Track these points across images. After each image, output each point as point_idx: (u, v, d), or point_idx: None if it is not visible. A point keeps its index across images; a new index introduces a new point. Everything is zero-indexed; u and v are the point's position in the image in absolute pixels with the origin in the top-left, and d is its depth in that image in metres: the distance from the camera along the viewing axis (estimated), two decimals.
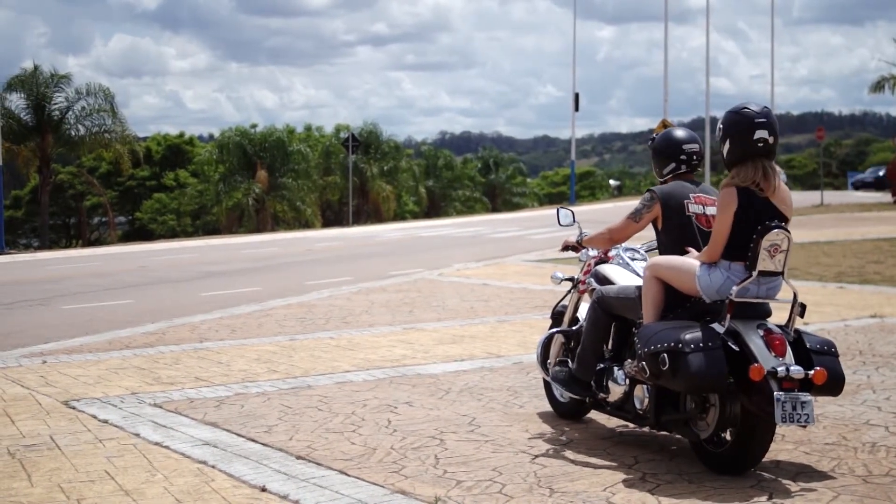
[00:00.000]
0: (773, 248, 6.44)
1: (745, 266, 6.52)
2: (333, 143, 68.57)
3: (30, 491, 6.30)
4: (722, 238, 6.56)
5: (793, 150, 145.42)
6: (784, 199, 6.64)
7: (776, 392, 6.08)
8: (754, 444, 6.34)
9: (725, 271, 6.58)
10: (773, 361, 6.20)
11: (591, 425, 7.73)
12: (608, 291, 7.39)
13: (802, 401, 6.10)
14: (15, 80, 49.71)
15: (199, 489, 6.26)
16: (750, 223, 6.47)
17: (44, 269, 26.85)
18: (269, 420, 8.07)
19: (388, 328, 12.86)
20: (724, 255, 6.59)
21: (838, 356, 6.51)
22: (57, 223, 73.35)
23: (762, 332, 6.41)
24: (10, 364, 10.92)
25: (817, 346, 6.46)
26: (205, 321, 14.01)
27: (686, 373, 6.20)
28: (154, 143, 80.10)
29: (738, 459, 6.38)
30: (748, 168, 6.56)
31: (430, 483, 6.27)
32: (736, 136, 6.58)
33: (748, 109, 6.62)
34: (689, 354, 6.21)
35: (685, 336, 6.30)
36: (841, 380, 6.41)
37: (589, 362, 7.39)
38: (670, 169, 7.38)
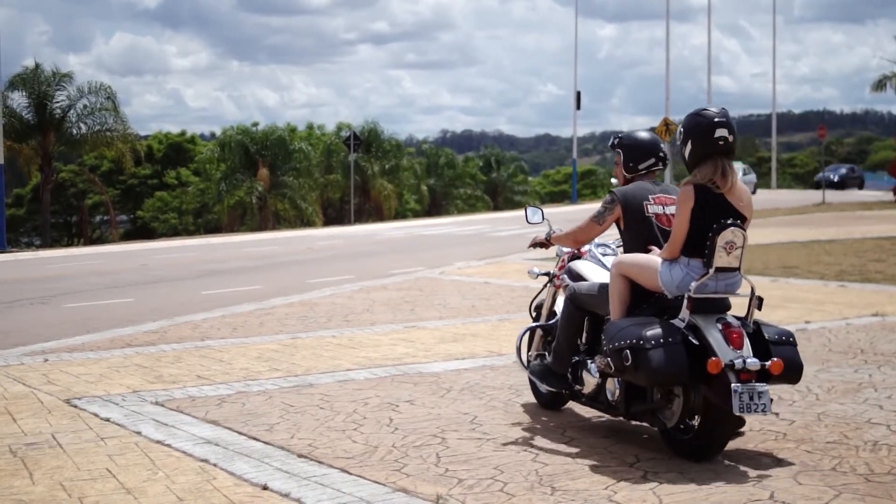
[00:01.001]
0: (729, 246, 6.69)
1: (703, 263, 6.77)
2: (335, 141, 68.55)
3: (31, 489, 6.30)
4: (681, 235, 6.84)
5: (794, 148, 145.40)
6: (741, 196, 6.89)
7: (734, 384, 6.34)
8: (717, 432, 6.62)
9: (685, 268, 6.83)
10: (731, 354, 6.45)
11: (592, 423, 7.73)
12: (579, 288, 7.63)
13: (759, 391, 6.36)
14: (17, 78, 49.75)
15: (201, 487, 6.26)
16: (707, 221, 6.73)
17: (45, 267, 26.86)
18: (270, 418, 8.07)
19: (389, 327, 12.86)
20: (684, 251, 6.84)
21: (796, 346, 6.80)
22: (58, 221, 73.35)
23: (721, 325, 6.63)
24: (12, 362, 10.93)
25: (775, 337, 6.75)
26: (206, 319, 14.01)
27: (647, 368, 6.49)
28: (155, 142, 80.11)
29: (703, 446, 6.66)
30: (708, 166, 6.83)
31: (431, 481, 6.27)
32: (698, 136, 6.86)
33: (708, 111, 6.96)
34: (650, 350, 6.50)
35: (646, 332, 6.58)
36: (799, 369, 6.71)
37: (564, 356, 7.64)
38: (649, 164, 7.66)
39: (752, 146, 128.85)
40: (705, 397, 6.58)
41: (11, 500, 6.09)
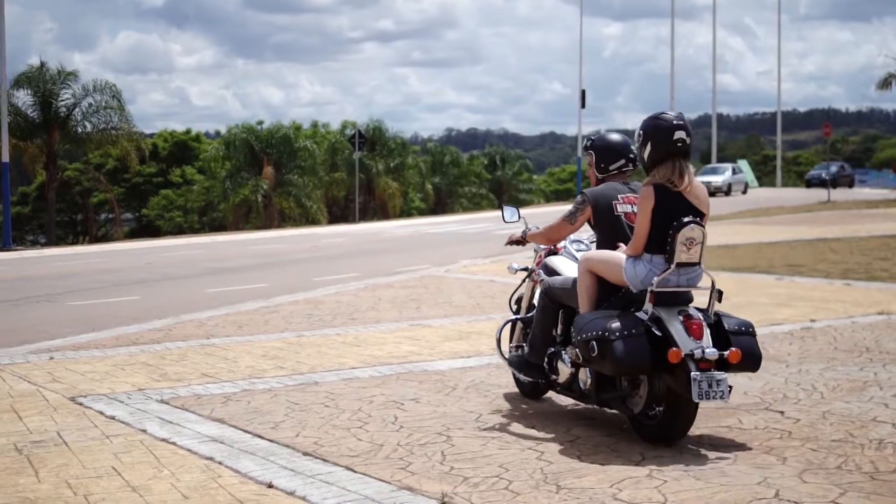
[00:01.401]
0: (688, 242, 7.07)
1: (665, 258, 7.14)
2: (340, 139, 68.64)
3: (37, 487, 6.31)
4: (643, 233, 7.18)
5: (799, 146, 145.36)
6: (698, 195, 7.26)
7: (693, 372, 6.72)
8: (680, 418, 6.99)
9: (648, 263, 7.19)
10: (691, 344, 6.82)
11: (597, 422, 7.73)
12: (553, 282, 8.04)
13: (717, 379, 6.73)
14: (22, 76, 49.82)
15: (206, 485, 6.26)
16: (667, 218, 7.11)
17: (50, 265, 26.89)
18: (275, 416, 8.07)
19: (394, 325, 12.86)
20: (647, 248, 7.19)
21: (755, 336, 7.21)
22: (64, 220, 73.46)
23: (682, 317, 6.98)
24: (18, 360, 10.94)
25: (735, 328, 7.14)
26: (211, 317, 14.02)
27: (612, 358, 6.88)
28: (161, 140, 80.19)
29: (667, 431, 7.03)
30: (667, 166, 7.20)
31: (436, 479, 6.27)
32: (657, 138, 7.23)
33: (667, 115, 7.35)
34: (614, 341, 6.88)
35: (611, 325, 6.97)
36: (757, 358, 7.11)
37: (540, 347, 8.00)
38: (619, 165, 7.98)
39: (757, 144, 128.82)
40: (668, 385, 6.94)
41: (17, 497, 6.09)
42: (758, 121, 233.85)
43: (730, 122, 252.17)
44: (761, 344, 10.62)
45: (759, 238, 26.72)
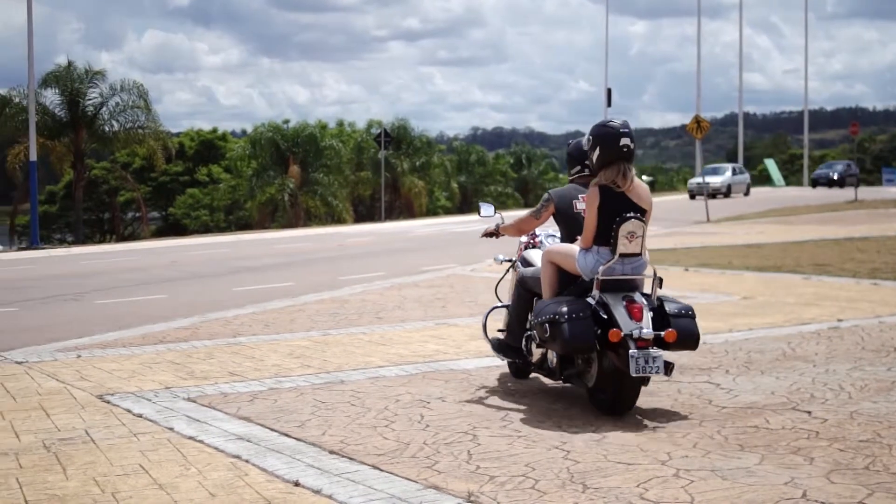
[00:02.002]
0: (630, 235, 7.91)
1: (610, 250, 7.98)
2: (365, 138, 68.70)
3: (65, 484, 6.33)
4: (591, 228, 8.07)
5: (826, 145, 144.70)
6: (639, 194, 8.13)
7: (632, 350, 7.55)
8: (625, 392, 7.83)
9: (596, 255, 8.06)
10: (632, 325, 7.64)
11: (624, 422, 7.71)
12: (526, 273, 8.95)
13: (654, 356, 7.57)
14: (50, 75, 50.05)
15: (233, 483, 6.28)
16: (612, 215, 7.95)
17: (78, 264, 27.01)
18: (302, 415, 8.09)
19: (420, 323, 12.87)
20: (595, 241, 8.07)
21: (695, 319, 8.01)
22: (91, 218, 73.76)
23: (625, 302, 7.80)
24: (46, 358, 11.00)
25: (675, 311, 7.96)
26: (238, 316, 14.06)
27: (561, 338, 7.74)
28: (187, 139, 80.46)
29: (616, 403, 7.88)
30: (612, 169, 8.05)
31: (462, 478, 6.27)
32: (605, 144, 8.06)
33: (614, 122, 8.21)
34: (563, 324, 7.72)
35: (561, 309, 7.80)
36: (695, 338, 7.96)
37: (516, 331, 8.92)
38: (577, 171, 8.84)
39: (783, 143, 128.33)
40: (613, 362, 7.74)
41: (45, 494, 6.12)
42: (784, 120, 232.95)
43: (756, 120, 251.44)
44: (788, 344, 10.64)
45: (786, 237, 26.63)
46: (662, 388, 8.74)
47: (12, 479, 6.48)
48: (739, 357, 10.13)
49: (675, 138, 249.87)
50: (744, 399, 8.28)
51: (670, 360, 7.76)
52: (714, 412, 7.88)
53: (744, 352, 10.41)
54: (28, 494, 6.14)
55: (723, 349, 10.59)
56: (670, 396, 8.45)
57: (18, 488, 6.27)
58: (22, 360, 10.92)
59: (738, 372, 9.39)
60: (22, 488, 6.27)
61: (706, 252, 22.83)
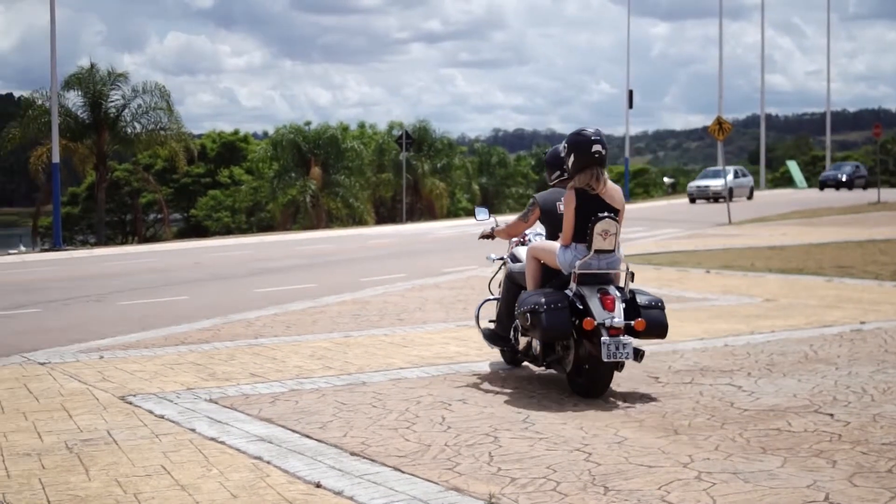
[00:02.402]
0: (604, 233, 8.69)
1: (586, 246, 8.73)
2: (387, 140, 68.78)
3: (87, 485, 6.36)
4: (569, 227, 8.84)
5: (849, 147, 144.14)
6: (612, 195, 8.88)
7: (604, 338, 8.28)
8: (599, 376, 8.52)
9: (574, 251, 8.82)
10: (604, 315, 8.39)
11: (646, 424, 7.70)
12: (514, 268, 9.75)
13: (623, 343, 8.31)
14: (72, 77, 50.24)
15: (255, 484, 6.29)
16: (587, 215, 8.73)
17: (100, 265, 27.11)
18: (323, 416, 8.10)
19: (441, 325, 12.87)
20: (573, 238, 8.84)
21: (664, 310, 8.80)
22: (113, 220, 74.03)
23: (600, 294, 8.55)
24: (68, 359, 11.04)
25: (646, 303, 8.76)
26: (259, 317, 14.09)
27: (540, 326, 8.51)
28: (209, 141, 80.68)
29: (591, 387, 8.59)
30: (586, 174, 8.81)
31: (484, 480, 6.26)
32: (579, 151, 8.82)
33: (587, 131, 8.97)
34: (542, 313, 8.49)
35: (541, 300, 8.59)
36: (663, 327, 8.73)
37: (505, 321, 9.72)
38: (556, 175, 9.65)
39: (805, 145, 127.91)
40: (588, 349, 8.48)
41: (68, 495, 6.14)
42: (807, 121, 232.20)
43: (778, 122, 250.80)
44: (810, 346, 10.63)
45: (808, 239, 26.55)
46: (684, 391, 8.73)
47: (35, 479, 6.51)
48: (761, 359, 10.10)
49: (696, 140, 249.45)
50: (766, 401, 8.26)
51: (640, 348, 8.48)
52: (736, 415, 7.86)
53: (766, 354, 10.38)
54: (50, 495, 6.16)
55: (745, 351, 10.56)
56: (692, 399, 8.43)
57: (41, 489, 6.29)
58: (45, 361, 10.96)
59: (760, 374, 9.36)
60: (44, 489, 6.29)
61: (728, 254, 22.78)
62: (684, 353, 10.58)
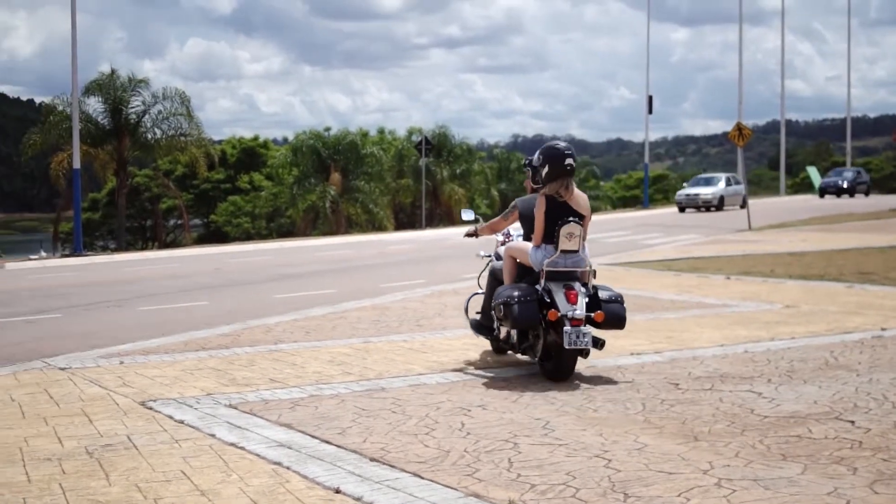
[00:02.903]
0: (569, 235, 9.80)
1: (554, 247, 9.82)
2: (406, 146, 68.78)
3: (107, 490, 6.37)
4: (540, 229, 9.95)
5: (869, 153, 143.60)
6: (579, 202, 10.02)
7: (566, 327, 9.36)
8: (563, 362, 9.58)
9: (543, 251, 9.91)
10: (567, 308, 9.48)
11: (666, 431, 7.69)
12: (496, 265, 10.91)
13: (583, 332, 9.38)
14: (93, 84, 50.41)
15: (274, 490, 6.30)
16: (555, 219, 9.85)
17: (121, 270, 27.18)
18: (343, 422, 8.10)
19: (460, 331, 12.86)
20: (543, 240, 9.93)
21: (623, 304, 9.89)
22: (133, 225, 74.26)
23: (565, 289, 9.65)
24: (88, 364, 11.07)
25: (606, 298, 9.82)
26: (279, 323, 14.10)
27: (511, 317, 9.64)
28: (229, 147, 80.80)
29: (557, 371, 9.63)
30: (557, 182, 9.95)
31: (503, 486, 6.26)
32: (553, 162, 9.97)
33: (560, 145, 10.20)
34: (512, 305, 9.63)
35: (513, 293, 9.72)
36: (620, 319, 9.81)
37: (488, 313, 10.72)
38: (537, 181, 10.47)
39: (826, 151, 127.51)
40: (554, 338, 9.58)
41: (88, 500, 6.16)
42: (827, 127, 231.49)
43: (798, 128, 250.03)
44: (831, 353, 10.62)
45: (829, 245, 26.47)
46: (704, 398, 8.71)
47: (55, 484, 6.53)
48: (782, 366, 10.08)
49: (716, 146, 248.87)
50: (786, 408, 8.24)
51: (601, 338, 9.65)
52: (756, 421, 7.84)
53: (786, 361, 10.35)
54: (71, 500, 6.18)
55: (765, 358, 10.54)
56: (712, 405, 8.41)
57: (62, 493, 6.31)
58: (65, 367, 11.00)
59: (780, 381, 9.34)
60: (65, 494, 6.31)
61: (748, 260, 22.72)
62: (704, 359, 10.56)
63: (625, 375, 9.80)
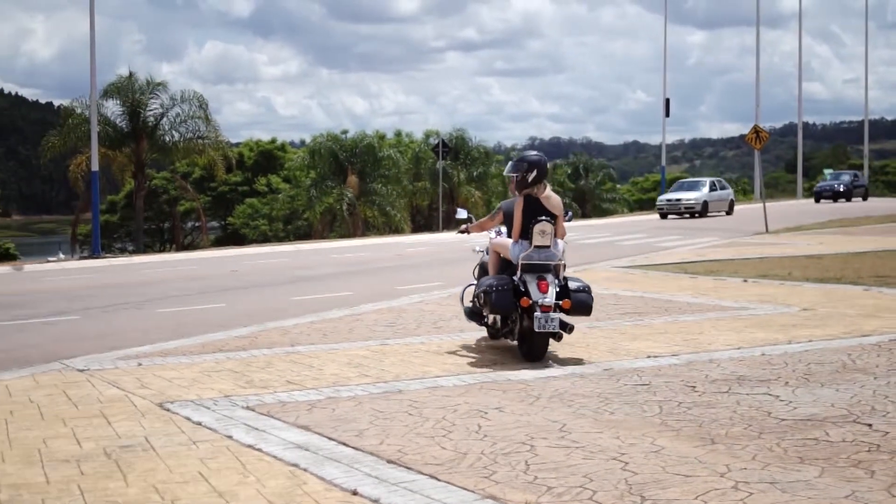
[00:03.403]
0: (541, 233, 11.13)
1: (529, 242, 11.15)
2: (423, 148, 68.80)
3: (125, 491, 6.40)
4: (518, 226, 11.36)
5: (887, 156, 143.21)
6: (552, 203, 11.45)
7: (536, 313, 10.65)
8: (536, 344, 10.92)
9: (520, 246, 11.27)
10: (539, 296, 10.78)
11: (682, 433, 7.68)
12: (485, 259, 12.34)
13: (551, 317, 10.66)
14: (111, 86, 50.58)
15: (291, 492, 6.31)
16: (530, 217, 11.24)
17: (138, 272, 27.24)
18: (360, 424, 8.11)
19: (478, 333, 12.87)
20: (521, 236, 11.29)
21: (590, 293, 11.21)
22: (151, 228, 74.48)
23: (537, 280, 10.95)
24: (107, 366, 11.10)
25: (575, 287, 11.13)
26: (296, 325, 14.13)
27: (490, 303, 11.05)
28: (246, 149, 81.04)
29: (530, 352, 10.96)
30: (537, 186, 11.40)
31: (520, 489, 6.27)
32: (539, 170, 11.42)
33: (539, 154, 11.84)
34: (491, 293, 11.00)
35: (493, 283, 11.12)
36: (586, 306, 11.08)
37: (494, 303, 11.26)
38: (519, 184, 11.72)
39: (843, 153, 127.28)
40: (527, 323, 10.81)
41: (106, 501, 6.18)
42: (844, 130, 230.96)
43: (816, 131, 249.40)
44: (848, 355, 10.61)
45: (846, 248, 26.40)
46: (721, 400, 8.70)
47: (74, 485, 6.55)
48: (799, 369, 10.06)
49: (733, 149, 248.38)
50: (803, 411, 8.23)
51: (570, 323, 10.86)
52: (773, 424, 7.83)
53: (803, 363, 10.33)
54: (89, 501, 6.21)
55: (782, 360, 10.52)
56: (729, 408, 8.40)
57: (80, 494, 6.34)
58: (83, 368, 11.03)
59: (797, 384, 9.32)
60: (83, 495, 6.34)
61: (765, 263, 22.68)
62: (721, 362, 10.55)
63: (641, 378, 9.79)
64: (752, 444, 7.23)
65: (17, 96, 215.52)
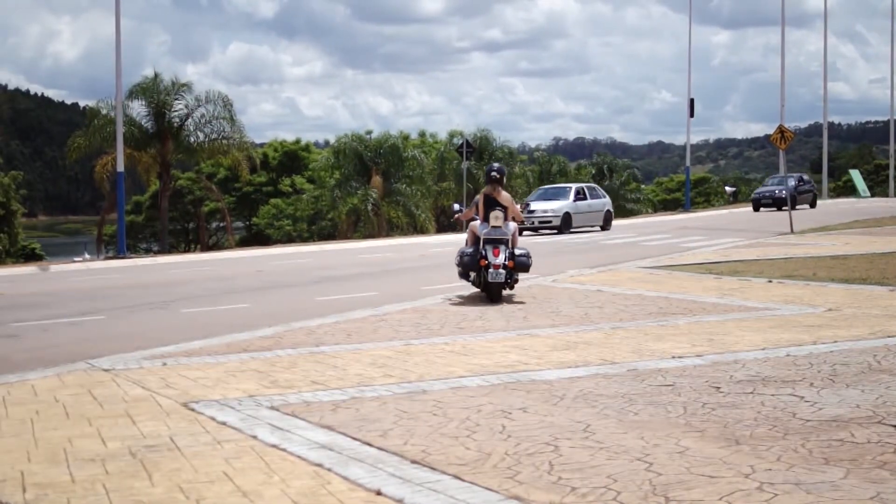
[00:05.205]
0: (495, 217, 16.56)
1: (487, 224, 16.47)
2: (447, 149, 68.84)
3: (151, 490, 6.42)
4: (481, 213, 16.78)
5: None
6: (502, 197, 16.96)
7: (490, 270, 16.21)
8: (492, 291, 16.41)
9: (483, 226, 16.63)
10: (492, 259, 16.24)
11: (707, 433, 7.66)
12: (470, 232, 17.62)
13: (500, 273, 16.19)
14: (136, 88, 50.79)
15: (316, 492, 6.32)
16: (489, 208, 16.64)
17: (164, 273, 27.34)
18: (384, 424, 8.12)
19: (502, 334, 12.87)
20: (483, 219, 16.71)
21: (529, 257, 16.84)
22: (176, 228, 74.76)
23: (493, 248, 16.31)
24: (132, 366, 11.14)
25: (518, 253, 16.64)
26: (321, 325, 14.15)
27: (462, 263, 16.85)
28: (271, 150, 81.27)
29: (490, 296, 16.41)
30: (489, 186, 17.04)
31: (544, 489, 6.26)
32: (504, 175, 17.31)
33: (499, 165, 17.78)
34: (463, 257, 16.78)
35: (465, 251, 16.86)
36: (525, 265, 16.71)
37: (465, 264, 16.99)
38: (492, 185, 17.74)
39: (868, 154, 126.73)
40: (486, 277, 16.31)
41: (132, 500, 6.21)
42: (870, 130, 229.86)
43: (841, 131, 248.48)
44: (874, 356, 10.58)
45: (872, 249, 26.29)
46: (746, 401, 8.68)
47: (99, 485, 6.58)
48: (824, 370, 10.02)
49: (758, 149, 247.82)
50: (828, 412, 8.19)
51: (516, 276, 16.77)
52: (798, 425, 7.80)
53: (828, 364, 10.29)
54: (114, 500, 6.23)
55: (807, 361, 10.48)
56: (754, 409, 8.38)
57: (105, 494, 6.36)
58: (109, 368, 11.08)
59: (822, 385, 9.29)
60: (108, 494, 6.36)
61: (790, 263, 22.60)
62: (746, 362, 10.51)
63: (666, 378, 9.77)
64: (776, 445, 7.21)
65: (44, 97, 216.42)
